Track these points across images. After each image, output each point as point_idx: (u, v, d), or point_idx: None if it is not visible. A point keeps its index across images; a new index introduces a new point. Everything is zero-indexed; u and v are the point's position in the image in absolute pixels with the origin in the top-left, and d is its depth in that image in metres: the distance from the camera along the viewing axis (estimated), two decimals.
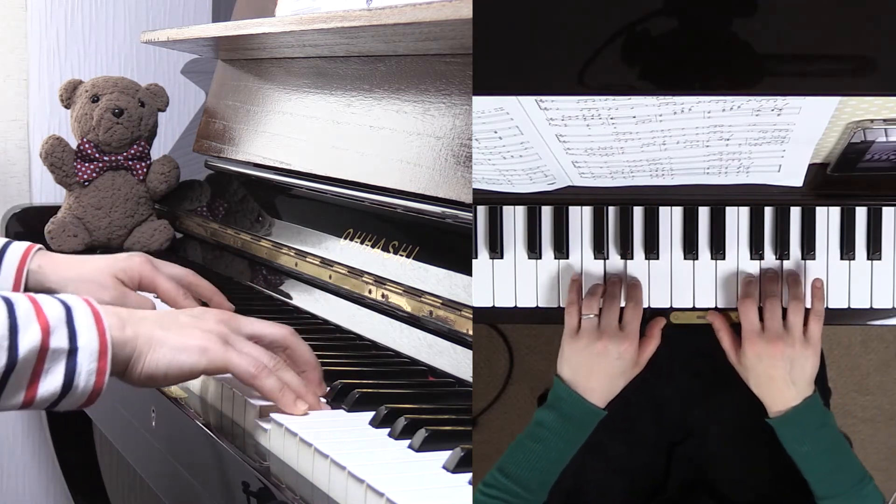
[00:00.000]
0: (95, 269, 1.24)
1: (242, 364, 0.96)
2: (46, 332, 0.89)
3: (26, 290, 1.23)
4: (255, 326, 1.02)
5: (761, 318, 1.05)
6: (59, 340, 0.89)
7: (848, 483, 1.02)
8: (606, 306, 1.06)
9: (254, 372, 0.96)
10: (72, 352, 0.90)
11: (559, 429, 1.03)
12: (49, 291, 1.21)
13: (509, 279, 1.14)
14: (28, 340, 0.88)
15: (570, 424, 1.03)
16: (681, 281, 1.12)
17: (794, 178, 1.06)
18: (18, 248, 1.24)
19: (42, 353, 0.89)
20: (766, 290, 1.07)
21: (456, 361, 1.09)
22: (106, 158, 1.78)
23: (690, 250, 1.12)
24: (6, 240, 1.26)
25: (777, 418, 1.03)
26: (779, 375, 1.03)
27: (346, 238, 1.33)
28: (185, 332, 0.96)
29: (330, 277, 1.33)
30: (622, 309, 1.07)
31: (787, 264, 1.12)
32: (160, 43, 1.79)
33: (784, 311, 1.05)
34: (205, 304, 1.29)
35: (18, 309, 0.89)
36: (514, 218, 1.14)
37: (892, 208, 1.11)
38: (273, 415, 0.96)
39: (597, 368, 1.04)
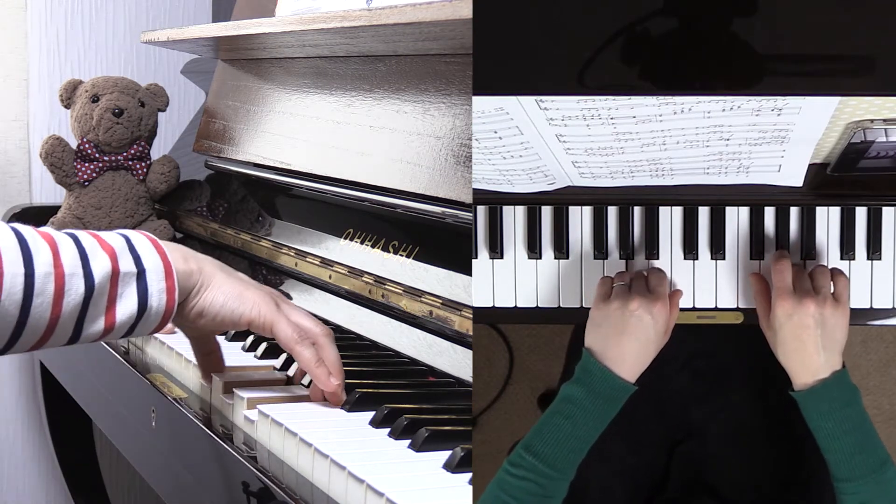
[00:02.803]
0: None
1: (288, 329, 1.00)
2: (114, 258, 0.93)
3: None
4: (298, 317, 1.03)
5: None
6: (127, 264, 0.93)
7: (870, 466, 0.98)
8: (635, 280, 1.05)
9: (297, 338, 1.00)
10: (140, 273, 0.94)
11: (588, 405, 0.99)
12: None
13: (509, 279, 1.14)
14: (100, 266, 0.92)
15: (599, 400, 0.99)
16: (681, 281, 1.12)
17: (794, 178, 1.06)
18: None
19: (114, 277, 0.92)
20: (795, 261, 1.06)
21: (456, 361, 1.09)
22: (106, 158, 1.78)
23: (690, 250, 1.12)
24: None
25: (803, 391, 1.00)
26: (809, 338, 1.00)
27: (346, 238, 1.33)
28: (243, 285, 1.01)
29: (330, 277, 1.33)
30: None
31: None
32: (160, 43, 1.79)
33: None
34: None
35: (83, 240, 0.93)
36: (514, 218, 1.14)
37: (892, 208, 1.11)
38: (273, 414, 0.96)
39: (628, 332, 1.01)
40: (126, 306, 0.93)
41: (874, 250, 1.11)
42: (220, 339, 1.24)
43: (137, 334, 0.96)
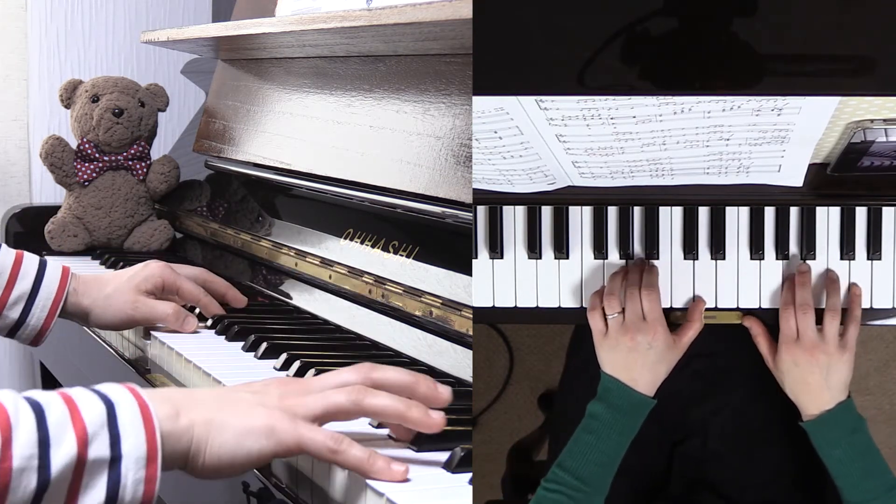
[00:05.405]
0: (121, 287, 1.27)
1: (318, 440, 0.82)
2: (83, 442, 0.76)
3: (63, 310, 1.25)
4: (328, 380, 0.88)
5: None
6: (99, 449, 0.76)
7: (879, 489, 1.03)
8: (628, 299, 1.07)
9: (332, 447, 0.82)
10: (114, 460, 0.77)
11: (610, 420, 1.05)
12: (84, 312, 1.26)
13: (509, 279, 1.14)
14: (63, 454, 0.75)
15: (620, 415, 1.05)
16: (681, 281, 1.12)
17: (794, 178, 1.06)
18: (55, 271, 1.26)
19: (79, 467, 0.76)
20: (799, 299, 1.08)
21: (456, 361, 1.09)
22: (106, 158, 1.78)
23: (690, 250, 1.12)
24: (37, 258, 1.26)
25: (811, 422, 1.05)
26: (814, 381, 1.05)
27: (346, 238, 1.33)
28: (248, 412, 0.83)
29: (330, 277, 1.33)
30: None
31: (787, 264, 1.12)
32: (160, 43, 1.79)
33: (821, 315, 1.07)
34: (220, 300, 1.34)
35: (50, 416, 0.76)
36: (514, 218, 1.14)
37: (892, 208, 1.11)
38: None
39: (633, 362, 1.05)
40: (91, 499, 0.76)
41: (874, 250, 1.11)
42: (220, 338, 1.25)
43: None
